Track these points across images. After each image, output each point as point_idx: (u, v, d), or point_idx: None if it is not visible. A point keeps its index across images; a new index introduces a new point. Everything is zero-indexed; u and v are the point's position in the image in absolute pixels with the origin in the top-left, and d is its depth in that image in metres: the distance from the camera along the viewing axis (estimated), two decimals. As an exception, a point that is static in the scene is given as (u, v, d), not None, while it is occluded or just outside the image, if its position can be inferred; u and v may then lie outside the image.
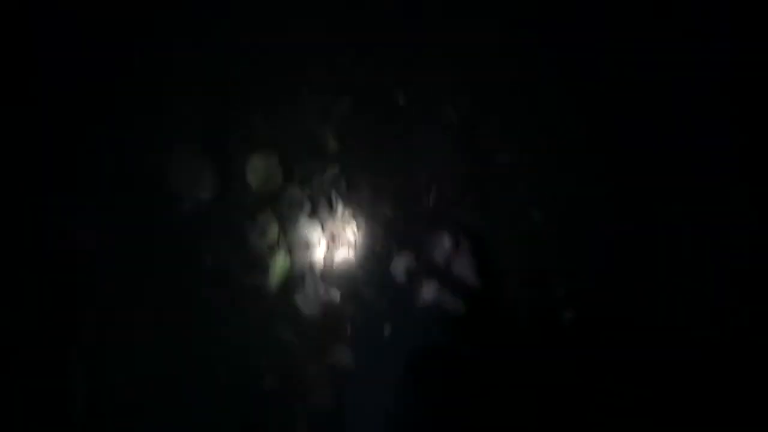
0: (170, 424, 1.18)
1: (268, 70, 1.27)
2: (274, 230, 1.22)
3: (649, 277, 1.20)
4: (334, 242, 1.23)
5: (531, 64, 1.26)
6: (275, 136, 1.25)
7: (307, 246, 1.22)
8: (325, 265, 1.22)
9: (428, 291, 1.15)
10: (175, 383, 1.18)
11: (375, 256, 1.22)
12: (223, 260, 1.21)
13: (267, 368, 1.19)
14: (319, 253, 1.23)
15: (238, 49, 1.27)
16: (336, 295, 1.21)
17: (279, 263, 1.21)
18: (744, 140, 1.21)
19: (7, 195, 1.24)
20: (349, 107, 1.25)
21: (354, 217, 1.24)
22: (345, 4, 1.27)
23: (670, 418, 1.13)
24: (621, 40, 1.24)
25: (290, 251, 1.22)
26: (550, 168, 1.23)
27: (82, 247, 1.21)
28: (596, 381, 1.15)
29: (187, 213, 1.22)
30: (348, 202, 1.24)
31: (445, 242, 1.17)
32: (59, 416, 1.17)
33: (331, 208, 1.23)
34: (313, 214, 1.23)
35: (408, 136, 1.25)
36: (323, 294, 1.21)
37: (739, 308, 1.17)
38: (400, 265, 1.19)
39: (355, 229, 1.23)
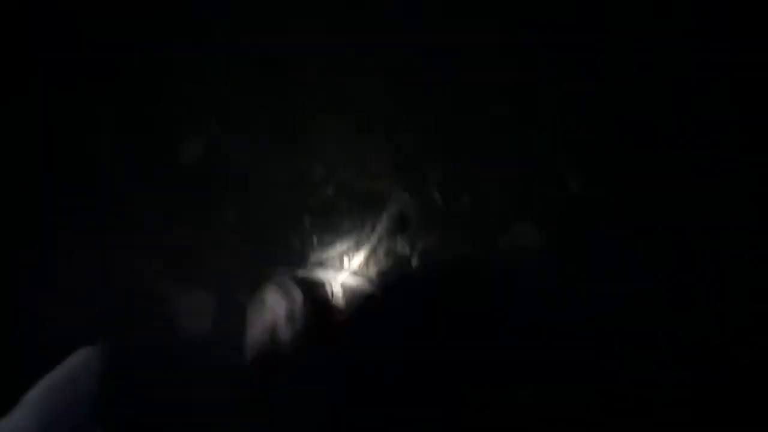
0: None
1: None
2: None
3: (649, 277, 1.20)
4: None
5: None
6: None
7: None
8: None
9: None
10: None
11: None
12: (214, 397, 1.14)
13: None
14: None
15: (238, 52, 1.28)
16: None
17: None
18: (744, 140, 1.21)
19: (7, 196, 1.24)
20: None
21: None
22: (345, 4, 1.28)
23: (669, 417, 1.13)
24: (621, 40, 1.24)
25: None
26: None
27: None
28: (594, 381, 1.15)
29: (183, 342, 1.17)
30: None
31: None
32: None
33: None
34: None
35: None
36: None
37: (739, 308, 1.17)
38: None
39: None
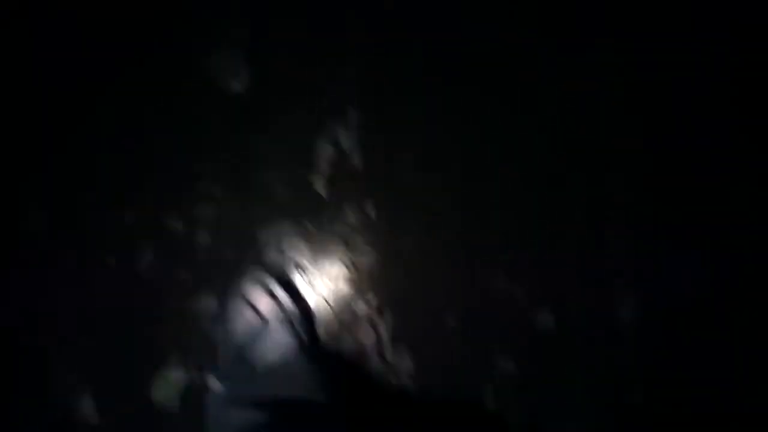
0: None
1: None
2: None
3: (648, 277, 1.20)
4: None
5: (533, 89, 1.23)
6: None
7: None
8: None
9: None
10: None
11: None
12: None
13: None
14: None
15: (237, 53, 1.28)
16: None
17: None
18: (744, 140, 1.21)
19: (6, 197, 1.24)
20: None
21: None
22: (345, 3, 1.27)
23: (668, 418, 1.13)
24: (621, 40, 1.24)
25: None
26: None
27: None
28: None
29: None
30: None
31: None
32: None
33: None
34: None
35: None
36: None
37: (739, 308, 1.17)
38: None
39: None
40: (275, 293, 1.08)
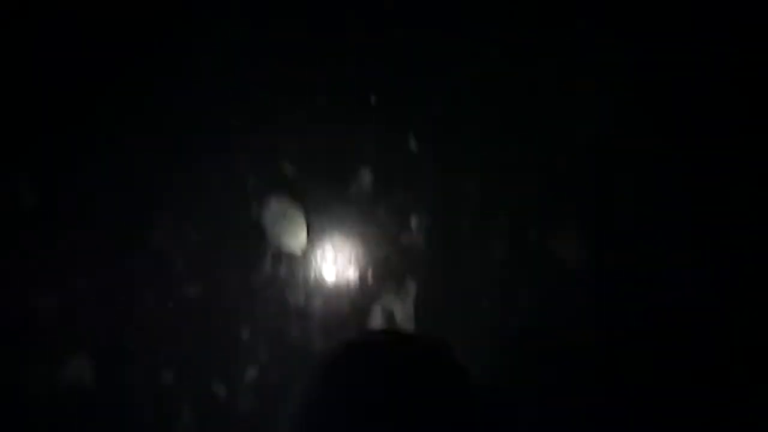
0: None
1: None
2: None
3: (650, 281, 1.20)
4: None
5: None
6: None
7: None
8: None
9: None
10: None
11: None
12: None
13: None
14: None
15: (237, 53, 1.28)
16: None
17: None
18: (744, 140, 1.21)
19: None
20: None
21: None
22: (345, 3, 1.28)
23: (666, 417, 1.13)
24: (621, 40, 1.24)
25: None
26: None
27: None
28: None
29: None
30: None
31: None
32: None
33: None
34: None
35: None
36: None
37: (739, 308, 1.17)
38: None
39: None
40: None
